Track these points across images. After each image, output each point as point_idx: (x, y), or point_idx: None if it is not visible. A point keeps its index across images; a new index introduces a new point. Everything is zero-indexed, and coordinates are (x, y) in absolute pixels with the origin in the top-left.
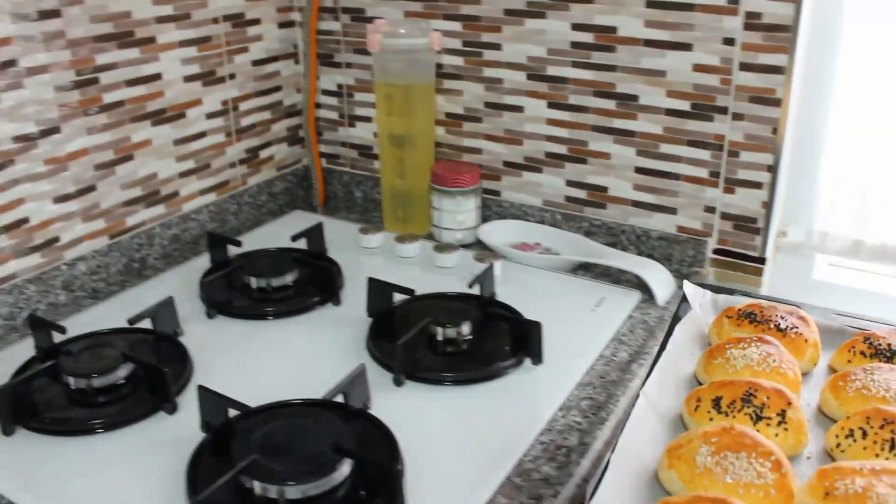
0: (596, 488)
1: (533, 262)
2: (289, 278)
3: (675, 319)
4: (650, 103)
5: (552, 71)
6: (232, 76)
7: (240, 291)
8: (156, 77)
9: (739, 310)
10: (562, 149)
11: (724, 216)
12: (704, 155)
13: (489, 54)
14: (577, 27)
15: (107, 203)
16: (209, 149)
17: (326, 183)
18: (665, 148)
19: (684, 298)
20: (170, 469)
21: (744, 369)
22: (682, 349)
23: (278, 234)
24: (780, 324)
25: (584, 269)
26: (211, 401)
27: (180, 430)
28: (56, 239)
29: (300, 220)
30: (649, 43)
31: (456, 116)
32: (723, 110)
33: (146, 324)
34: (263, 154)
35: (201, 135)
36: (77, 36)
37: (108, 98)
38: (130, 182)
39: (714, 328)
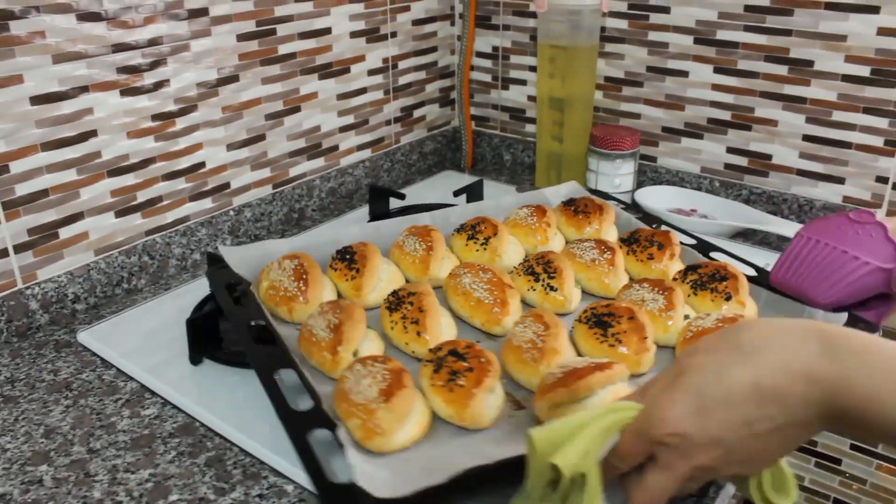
0: None
1: (693, 226)
2: None
3: None
4: (826, 69)
5: (722, 35)
6: (393, 34)
7: None
8: (326, 31)
9: (570, 199)
10: (725, 115)
11: None
12: (881, 123)
13: (656, 17)
14: None
15: (273, 153)
16: (368, 105)
17: (475, 145)
18: (838, 115)
19: None
20: None
21: (511, 222)
22: (503, 209)
23: (435, 190)
24: (577, 207)
25: (743, 236)
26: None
27: None
28: (227, 185)
29: (452, 179)
30: (831, 6)
31: (616, 80)
32: None
33: None
34: (417, 113)
35: (362, 91)
36: None
37: (283, 49)
38: (296, 133)
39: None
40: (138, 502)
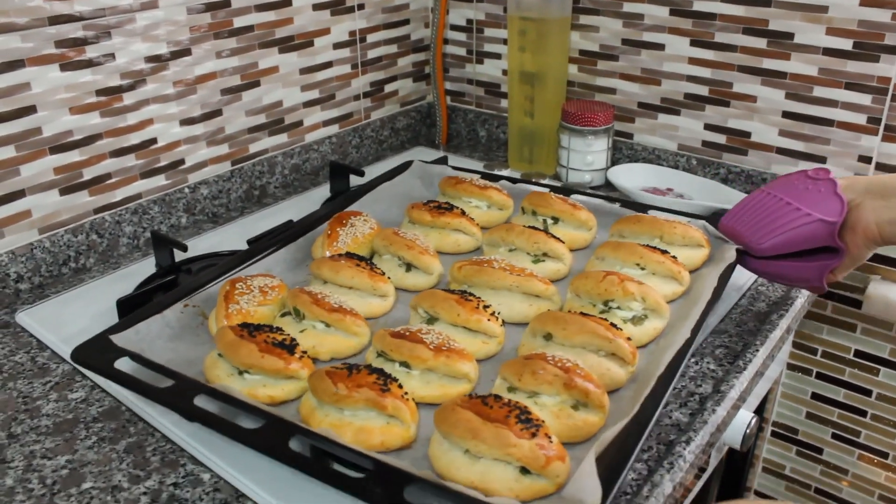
0: None
1: (666, 206)
2: None
3: None
4: (806, 42)
5: (698, 6)
6: (361, 6)
7: None
8: (286, 3)
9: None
10: (703, 90)
11: (881, 167)
12: (864, 99)
13: None
14: None
15: (231, 128)
16: (335, 80)
17: (450, 121)
18: (819, 91)
19: None
20: None
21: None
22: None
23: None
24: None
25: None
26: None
27: None
28: (181, 161)
29: (423, 155)
30: None
31: (590, 54)
32: (892, 49)
33: None
34: (388, 88)
35: (328, 65)
36: None
37: (239, 23)
38: (255, 109)
39: None
40: (50, 490)
